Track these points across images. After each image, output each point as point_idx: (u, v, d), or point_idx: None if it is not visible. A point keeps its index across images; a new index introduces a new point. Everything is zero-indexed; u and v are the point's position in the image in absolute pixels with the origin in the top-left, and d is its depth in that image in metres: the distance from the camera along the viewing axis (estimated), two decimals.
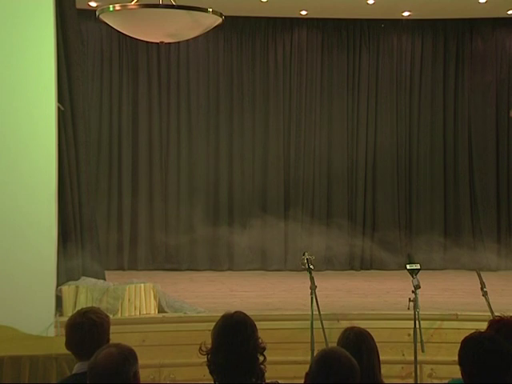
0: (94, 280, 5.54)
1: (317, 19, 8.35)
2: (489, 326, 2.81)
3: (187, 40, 6.05)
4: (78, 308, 3.20)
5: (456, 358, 2.55)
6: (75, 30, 5.85)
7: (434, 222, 8.39)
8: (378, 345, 2.92)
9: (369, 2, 7.52)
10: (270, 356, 2.74)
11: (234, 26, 8.18)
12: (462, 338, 2.52)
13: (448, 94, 8.49)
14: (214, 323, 2.67)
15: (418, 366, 4.39)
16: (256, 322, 2.73)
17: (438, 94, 8.50)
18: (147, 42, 5.41)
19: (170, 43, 5.97)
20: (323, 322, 4.52)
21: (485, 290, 4.53)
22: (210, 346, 2.56)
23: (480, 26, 8.39)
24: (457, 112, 8.50)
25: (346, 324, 4.23)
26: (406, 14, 8.12)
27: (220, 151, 8.40)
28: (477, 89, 8.45)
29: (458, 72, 8.49)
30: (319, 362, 2.27)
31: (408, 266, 4.59)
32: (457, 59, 8.47)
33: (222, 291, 6.70)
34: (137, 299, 5.25)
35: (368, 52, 8.48)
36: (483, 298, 4.49)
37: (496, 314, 3.75)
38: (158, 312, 5.35)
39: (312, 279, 4.69)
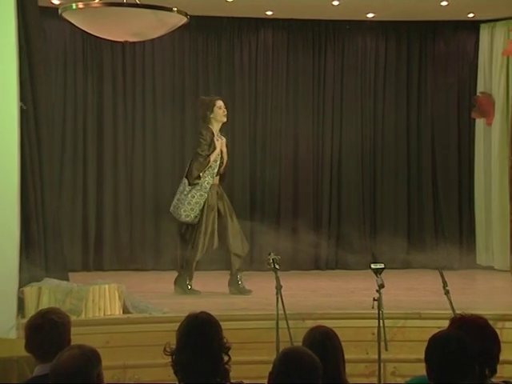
0: (57, 281, 5.47)
1: (282, 20, 8.38)
2: (450, 324, 2.86)
3: (152, 39, 6.02)
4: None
5: (419, 356, 2.59)
6: (38, 28, 5.77)
7: (397, 221, 8.49)
8: (342, 344, 2.95)
9: (334, 3, 7.58)
10: (235, 356, 2.75)
11: (199, 26, 8.16)
12: (429, 337, 2.56)
13: (411, 95, 8.60)
14: (179, 324, 2.66)
15: (382, 365, 4.43)
16: (221, 322, 2.73)
17: (401, 95, 8.60)
18: (111, 40, 5.36)
19: (134, 42, 5.94)
20: (288, 321, 4.54)
21: (447, 288, 4.60)
22: (174, 347, 2.56)
23: (442, 29, 8.52)
24: (420, 112, 8.62)
25: (311, 323, 4.25)
26: (370, 15, 8.20)
27: (186, 151, 8.36)
28: (439, 90, 8.57)
29: (421, 73, 8.60)
30: (282, 361, 2.28)
31: (372, 266, 4.64)
32: (420, 60, 8.59)
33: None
34: (101, 300, 5.20)
35: (333, 53, 8.54)
36: (445, 296, 4.56)
37: (457, 312, 3.81)
38: (123, 313, 5.30)
39: (277, 279, 4.70)
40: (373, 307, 4.43)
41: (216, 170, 6.47)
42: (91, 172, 8.13)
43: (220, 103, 6.49)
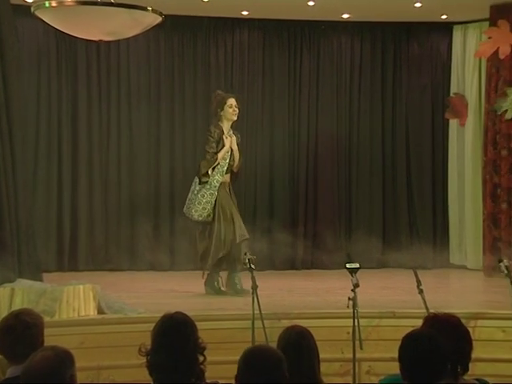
0: (30, 282, 5.41)
1: (258, 20, 8.38)
2: (424, 323, 2.89)
3: (127, 38, 5.99)
4: None
5: (393, 354, 2.61)
6: (10, 26, 5.72)
7: (372, 221, 8.54)
8: (318, 343, 2.95)
9: (309, 3, 7.61)
10: (211, 356, 2.74)
11: (175, 25, 8.13)
12: (403, 335, 2.58)
13: (386, 95, 8.66)
14: (154, 324, 2.65)
15: (357, 364, 4.45)
16: (197, 322, 2.72)
17: (376, 95, 8.66)
18: (86, 39, 5.32)
19: (109, 41, 5.90)
20: (264, 321, 4.54)
21: (421, 287, 4.63)
22: (149, 347, 2.55)
23: (416, 30, 8.59)
24: (395, 113, 8.69)
25: (286, 323, 4.26)
26: (345, 16, 8.24)
27: (161, 151, 8.34)
28: (414, 90, 8.65)
29: (396, 74, 8.67)
30: (244, 361, 2.29)
31: (347, 265, 4.66)
32: (394, 61, 8.66)
33: (163, 291, 6.65)
34: (75, 301, 5.16)
35: (309, 53, 8.57)
36: (419, 295, 4.60)
37: (431, 310, 3.84)
38: (98, 313, 5.27)
39: (253, 279, 4.70)
40: (348, 306, 4.44)
41: (225, 168, 6.37)
42: (66, 172, 8.07)
43: (231, 101, 6.36)
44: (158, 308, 5.09)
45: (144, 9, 4.43)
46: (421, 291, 4.61)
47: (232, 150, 6.39)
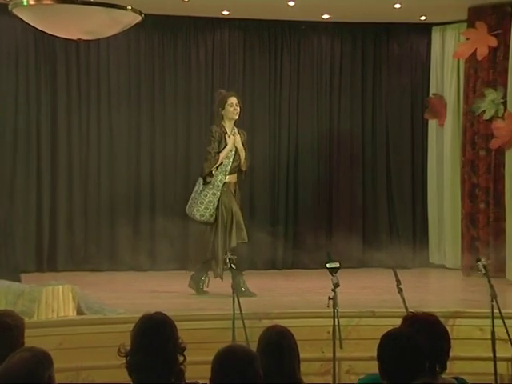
0: (8, 282, 5.36)
1: (238, 19, 8.38)
2: (403, 322, 2.91)
3: (107, 37, 5.96)
4: None
5: (372, 353, 2.63)
6: None
7: (352, 221, 8.58)
8: (298, 343, 2.96)
9: (289, 3, 7.62)
10: (191, 356, 2.74)
11: (155, 25, 8.10)
12: (381, 335, 2.60)
13: (366, 96, 8.70)
14: (134, 324, 2.64)
15: (337, 363, 4.46)
16: (177, 323, 2.72)
17: (356, 95, 8.70)
18: (65, 38, 5.28)
19: (88, 40, 5.86)
20: (245, 321, 4.55)
21: (400, 287, 4.67)
22: (129, 348, 2.54)
23: (395, 31, 8.65)
24: (375, 113, 8.73)
25: (267, 323, 4.26)
26: (325, 16, 8.27)
27: (141, 151, 8.31)
28: (393, 91, 8.70)
29: (376, 74, 8.72)
30: (217, 361, 2.30)
31: (328, 265, 4.68)
32: (374, 61, 8.70)
33: (143, 292, 6.62)
34: (54, 301, 5.12)
35: (289, 53, 8.59)
36: (399, 295, 4.63)
37: (410, 310, 3.87)
38: (77, 314, 5.23)
39: (234, 279, 4.71)
40: (328, 306, 4.46)
41: (229, 168, 6.28)
42: (45, 171, 8.00)
43: (232, 100, 6.29)
44: (137, 308, 5.06)
45: (123, 8, 4.41)
46: (400, 290, 4.65)
47: (237, 149, 6.31)
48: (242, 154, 6.33)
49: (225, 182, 6.26)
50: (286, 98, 8.56)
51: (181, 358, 2.57)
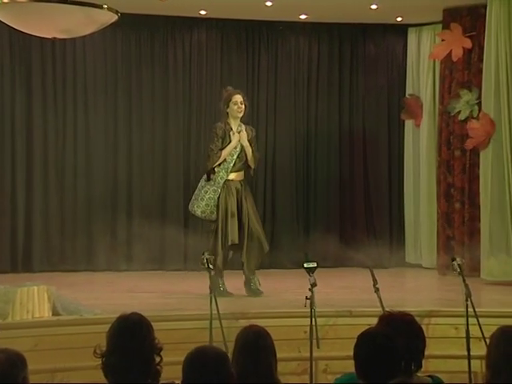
0: None
1: (216, 19, 8.37)
2: (379, 321, 2.93)
3: (83, 36, 5.92)
4: None
5: (349, 353, 2.64)
6: None
7: (330, 221, 8.61)
8: (275, 342, 2.96)
9: (267, 3, 7.63)
10: (169, 357, 2.73)
11: (132, 24, 8.06)
12: (358, 334, 2.61)
13: (343, 96, 8.75)
14: (110, 325, 2.63)
15: (314, 363, 4.49)
16: (155, 323, 2.71)
17: (334, 95, 8.74)
18: (40, 37, 5.24)
19: (64, 39, 5.81)
20: (222, 321, 4.54)
21: (377, 286, 4.70)
22: (105, 349, 2.53)
23: (372, 32, 8.71)
24: (352, 113, 8.78)
25: (244, 323, 4.26)
26: (303, 17, 8.30)
27: (118, 151, 8.26)
28: (370, 91, 8.76)
29: (353, 75, 8.77)
30: (187, 363, 2.31)
31: (305, 265, 4.70)
32: (351, 62, 8.75)
33: (120, 292, 6.59)
34: (29, 302, 5.06)
35: (267, 53, 8.60)
36: (375, 294, 4.66)
37: (386, 309, 3.90)
38: (53, 315, 5.19)
39: (211, 279, 4.70)
40: (305, 306, 4.48)
41: (231, 165, 6.14)
42: (20, 170, 7.93)
43: (236, 98, 6.20)
44: (114, 309, 5.04)
45: (99, 7, 4.38)
46: (377, 290, 4.68)
47: (243, 147, 6.19)
48: (248, 150, 6.21)
49: (226, 180, 6.14)
50: (264, 97, 8.58)
51: (157, 359, 2.56)
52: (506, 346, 2.66)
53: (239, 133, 6.20)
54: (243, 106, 6.21)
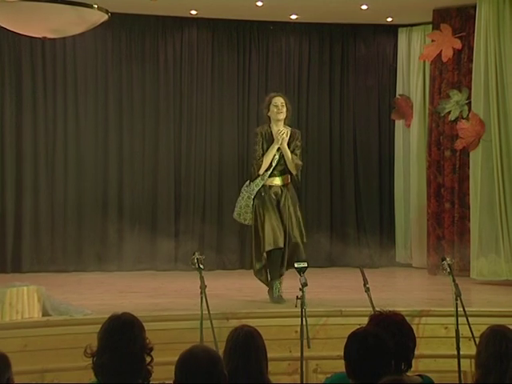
0: None
1: (207, 19, 8.37)
2: (369, 321, 2.94)
3: (73, 36, 5.90)
4: None
5: (340, 352, 2.65)
6: None
7: (320, 221, 8.61)
8: (266, 342, 2.97)
9: (258, 4, 7.63)
10: (159, 357, 2.73)
11: (122, 24, 8.05)
12: (348, 334, 2.62)
13: (334, 96, 8.76)
14: (101, 325, 2.62)
15: (304, 362, 4.49)
16: (145, 323, 2.71)
17: (324, 95, 8.75)
18: (30, 36, 5.21)
19: (54, 39, 5.79)
20: (213, 321, 4.54)
21: (367, 286, 4.71)
22: (95, 349, 2.52)
23: (362, 32, 8.72)
24: (343, 113, 8.79)
25: (235, 323, 4.27)
26: (293, 17, 8.31)
27: (109, 151, 8.24)
28: (361, 91, 8.78)
29: (343, 75, 8.78)
30: (178, 366, 2.30)
31: (296, 265, 4.71)
32: (342, 62, 8.76)
33: (110, 292, 6.58)
34: (19, 303, 5.04)
35: (257, 53, 8.60)
36: (366, 294, 4.67)
37: (377, 309, 3.91)
38: (42, 315, 5.16)
39: (202, 279, 4.69)
40: (296, 306, 4.49)
41: (269, 172, 5.84)
42: (10, 170, 7.89)
43: (276, 100, 5.93)
44: (104, 309, 5.04)
45: (90, 6, 4.37)
46: (367, 290, 4.69)
47: (282, 151, 5.85)
48: (287, 154, 5.86)
49: (263, 185, 5.87)
50: (255, 97, 8.56)
51: (148, 359, 2.56)
52: (496, 345, 2.67)
53: (281, 135, 5.86)
54: (284, 109, 5.92)
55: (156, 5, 7.64)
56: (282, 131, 5.86)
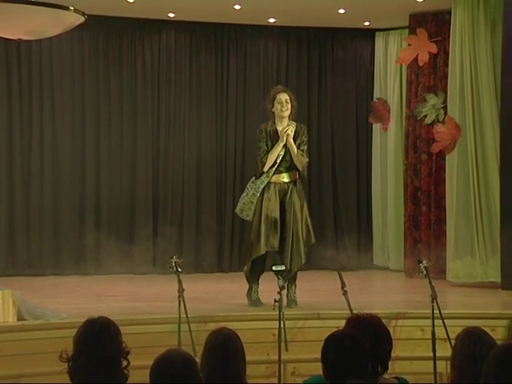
0: None
1: (185, 22, 8.36)
2: (346, 324, 2.95)
3: (49, 38, 5.85)
4: None
5: (317, 355, 2.65)
6: None
7: None
8: (244, 345, 2.97)
9: (235, 7, 7.65)
10: (137, 360, 2.72)
11: (100, 26, 8.01)
12: (326, 336, 2.63)
13: (312, 99, 8.80)
14: (77, 329, 2.60)
15: (282, 365, 4.50)
16: (123, 327, 2.69)
17: (302, 99, 8.71)
18: (4, 38, 5.16)
19: (29, 41, 5.74)
20: (191, 324, 4.53)
21: (345, 289, 4.73)
22: (71, 353, 2.50)
23: (340, 36, 8.78)
24: (320, 116, 8.83)
25: (213, 326, 4.26)
26: (271, 20, 8.33)
27: (86, 154, 8.19)
28: (338, 95, 8.82)
29: (321, 78, 8.83)
30: (153, 371, 2.30)
31: (274, 268, 4.72)
32: (319, 66, 8.81)
33: (88, 296, 6.53)
34: None
35: (236, 56, 8.61)
36: (343, 296, 4.69)
37: (354, 311, 3.93)
38: (18, 320, 5.11)
39: (180, 282, 4.68)
40: (274, 308, 4.49)
41: (274, 168, 5.71)
42: None
43: (280, 97, 5.77)
44: (81, 313, 5.00)
45: (66, 8, 4.33)
46: (345, 292, 4.71)
47: (288, 147, 5.71)
48: (293, 150, 5.72)
49: (268, 183, 5.73)
50: (233, 99, 8.58)
51: (124, 363, 2.55)
52: (470, 346, 2.70)
53: (285, 133, 5.72)
54: (289, 105, 5.78)
55: (133, 7, 7.62)
56: (286, 129, 5.76)
